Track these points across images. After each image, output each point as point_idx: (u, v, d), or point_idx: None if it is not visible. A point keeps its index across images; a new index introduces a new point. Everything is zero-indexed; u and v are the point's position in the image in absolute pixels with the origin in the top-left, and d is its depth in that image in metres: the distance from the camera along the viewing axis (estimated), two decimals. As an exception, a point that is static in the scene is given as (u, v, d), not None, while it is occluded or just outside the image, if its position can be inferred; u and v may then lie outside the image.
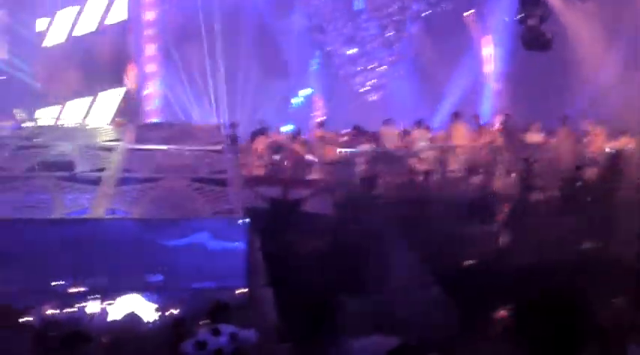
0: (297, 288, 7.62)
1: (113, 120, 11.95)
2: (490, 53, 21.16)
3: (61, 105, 12.36)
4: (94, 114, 12.23)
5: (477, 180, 12.43)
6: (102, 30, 12.60)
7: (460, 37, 20.72)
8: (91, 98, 12.27)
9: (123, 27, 12.69)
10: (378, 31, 22.41)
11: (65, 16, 12.88)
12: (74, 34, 12.74)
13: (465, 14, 21.43)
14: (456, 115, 14.48)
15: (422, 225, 10.01)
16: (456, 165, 13.04)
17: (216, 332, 5.72)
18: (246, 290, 7.22)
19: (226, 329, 5.82)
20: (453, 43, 20.15)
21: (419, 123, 14.55)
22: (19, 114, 11.94)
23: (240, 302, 6.99)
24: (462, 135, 13.63)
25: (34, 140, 10.23)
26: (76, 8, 12.81)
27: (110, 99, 12.14)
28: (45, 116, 12.39)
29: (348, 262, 8.28)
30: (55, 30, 12.95)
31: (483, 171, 12.63)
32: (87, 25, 12.69)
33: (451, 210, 10.91)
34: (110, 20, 12.47)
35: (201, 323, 6.13)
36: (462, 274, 8.73)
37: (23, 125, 11.72)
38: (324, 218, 9.57)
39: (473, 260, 9.25)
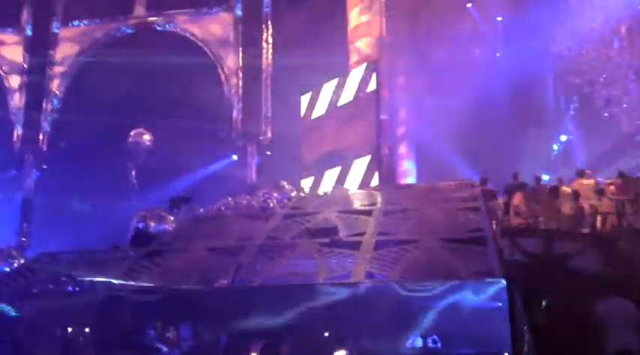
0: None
1: (366, 185, 12.43)
2: None
3: (320, 174, 13.19)
4: (348, 180, 12.85)
5: None
6: (356, 99, 13.30)
7: None
8: (356, 162, 12.90)
9: (374, 95, 13.28)
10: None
11: (327, 89, 13.79)
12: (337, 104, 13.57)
13: None
14: None
15: None
16: None
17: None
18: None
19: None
20: None
21: None
22: (286, 184, 12.93)
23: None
24: None
25: (300, 208, 11.01)
26: (334, 81, 13.71)
27: (362, 165, 12.69)
28: (306, 186, 13.29)
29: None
30: (318, 103, 13.94)
31: None
32: (345, 97, 13.48)
33: None
34: (364, 90, 13.19)
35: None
36: None
37: (291, 195, 12.70)
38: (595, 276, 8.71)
39: None
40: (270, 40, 21.94)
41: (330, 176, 13.12)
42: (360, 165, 12.81)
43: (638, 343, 6.85)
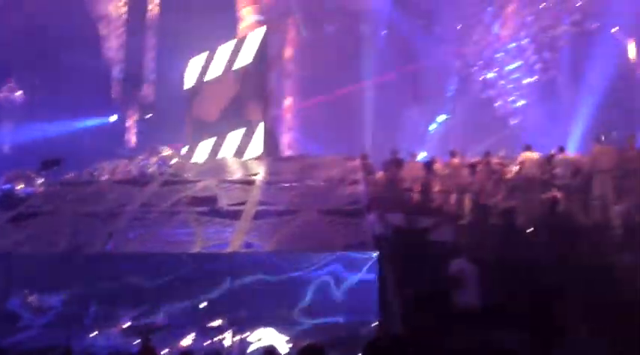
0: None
1: (250, 155, 12.38)
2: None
3: (203, 142, 12.99)
4: (232, 150, 12.73)
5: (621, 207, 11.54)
6: (236, 71, 13.20)
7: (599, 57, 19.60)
8: (230, 134, 12.80)
9: (258, 65, 13.20)
10: (517, 54, 21.76)
11: (200, 60, 13.65)
12: (211, 76, 13.45)
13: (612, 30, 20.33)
14: (599, 139, 13.44)
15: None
16: (598, 191, 12.16)
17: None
18: (377, 324, 7.10)
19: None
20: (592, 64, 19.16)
21: (561, 149, 13.78)
22: (165, 151, 12.64)
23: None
24: (608, 159, 12.66)
25: (179, 176, 10.82)
26: (205, 54, 13.60)
27: (247, 134, 12.63)
28: (188, 153, 13.07)
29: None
30: (193, 73, 13.75)
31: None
32: (218, 68, 13.37)
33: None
34: (243, 62, 13.11)
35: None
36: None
37: (170, 161, 12.43)
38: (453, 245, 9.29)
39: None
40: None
41: (211, 145, 12.96)
42: (242, 135, 12.73)
43: (478, 296, 7.67)
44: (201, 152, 13.14)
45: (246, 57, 13.31)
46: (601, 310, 7.93)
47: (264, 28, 14.17)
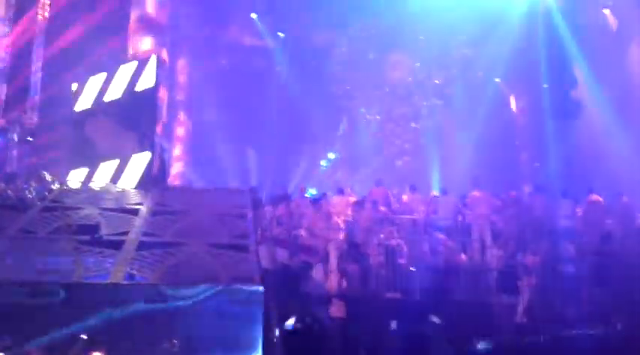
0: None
1: (138, 184, 12.14)
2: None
3: (89, 169, 12.63)
4: (120, 178, 12.45)
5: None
6: (130, 96, 12.94)
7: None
8: (118, 161, 12.52)
9: (152, 92, 13.02)
10: (404, 99, 22.74)
11: (95, 82, 13.31)
12: (104, 99, 13.15)
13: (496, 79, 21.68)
14: (477, 183, 14.22)
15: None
16: (476, 234, 12.86)
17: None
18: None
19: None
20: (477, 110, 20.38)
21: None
22: (47, 176, 12.17)
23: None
24: (486, 204, 13.43)
25: (60, 202, 10.42)
26: (104, 75, 13.28)
27: (137, 163, 12.38)
28: (73, 179, 12.65)
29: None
30: (86, 95, 13.37)
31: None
32: (115, 92, 13.07)
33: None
34: (139, 87, 12.87)
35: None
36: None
37: (52, 187, 11.95)
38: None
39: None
40: (46, 14, 20.52)
41: (97, 171, 12.61)
42: (128, 164, 12.49)
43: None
44: (87, 178, 12.76)
45: (148, 80, 13.08)
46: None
47: (163, 51, 14.02)
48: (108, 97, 13.38)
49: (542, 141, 20.22)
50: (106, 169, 12.70)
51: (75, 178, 12.88)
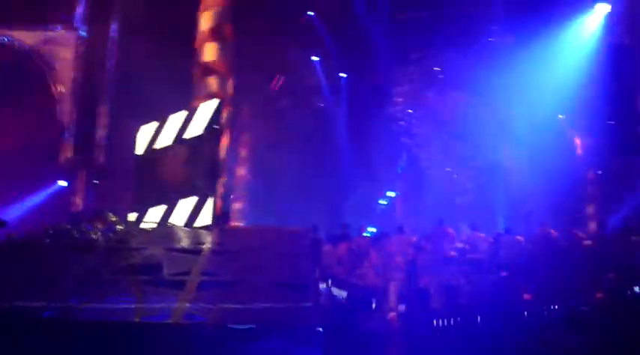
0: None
1: (200, 224, 12.30)
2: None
3: (152, 209, 12.89)
4: (182, 218, 12.64)
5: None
6: (187, 140, 13.22)
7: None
8: (181, 202, 12.73)
9: (214, 133, 13.25)
10: (465, 138, 22.54)
11: (150, 128, 13.63)
12: (161, 145, 13.44)
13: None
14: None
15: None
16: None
17: None
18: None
19: None
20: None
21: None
22: (111, 216, 12.43)
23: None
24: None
25: (125, 243, 10.63)
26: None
27: (198, 203, 12.58)
28: (148, 217, 12.92)
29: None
30: (143, 139, 13.71)
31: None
32: (168, 137, 13.37)
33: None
34: (191, 133, 13.15)
35: None
36: None
37: (116, 227, 12.20)
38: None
39: None
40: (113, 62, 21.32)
41: (159, 212, 12.84)
42: (190, 204, 12.67)
43: None
44: (150, 219, 13.00)
45: (197, 127, 13.35)
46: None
47: (216, 100, 14.27)
48: (161, 143, 13.64)
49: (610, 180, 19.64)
50: (168, 210, 12.92)
51: (151, 216, 13.12)
